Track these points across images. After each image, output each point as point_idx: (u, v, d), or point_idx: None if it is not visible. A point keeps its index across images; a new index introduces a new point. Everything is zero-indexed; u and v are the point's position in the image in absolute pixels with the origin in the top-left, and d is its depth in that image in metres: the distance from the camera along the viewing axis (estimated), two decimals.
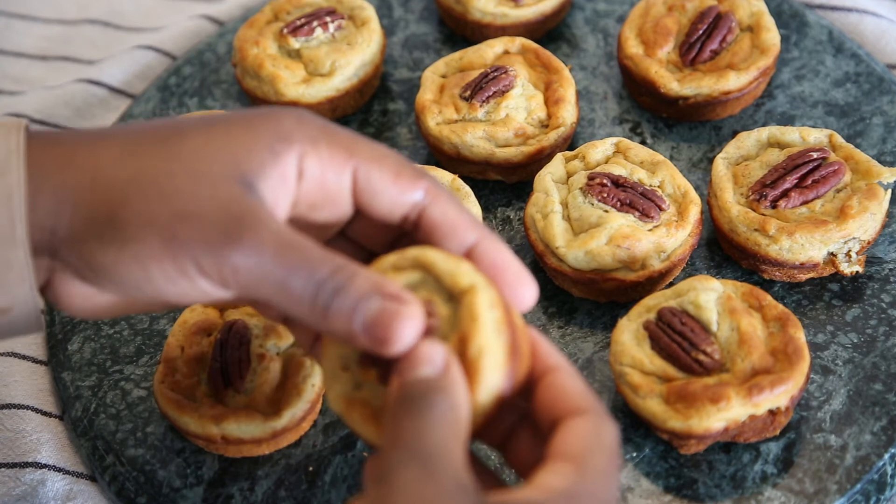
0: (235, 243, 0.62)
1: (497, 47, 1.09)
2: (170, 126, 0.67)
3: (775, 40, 1.07)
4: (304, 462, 0.89)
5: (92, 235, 0.63)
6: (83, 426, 0.93)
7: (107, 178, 0.64)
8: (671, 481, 0.85)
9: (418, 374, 0.60)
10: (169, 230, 0.63)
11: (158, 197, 0.63)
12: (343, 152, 0.67)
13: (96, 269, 0.64)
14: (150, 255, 0.63)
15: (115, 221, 0.63)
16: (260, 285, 0.63)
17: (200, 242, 0.62)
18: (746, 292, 0.88)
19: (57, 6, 1.36)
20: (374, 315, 0.61)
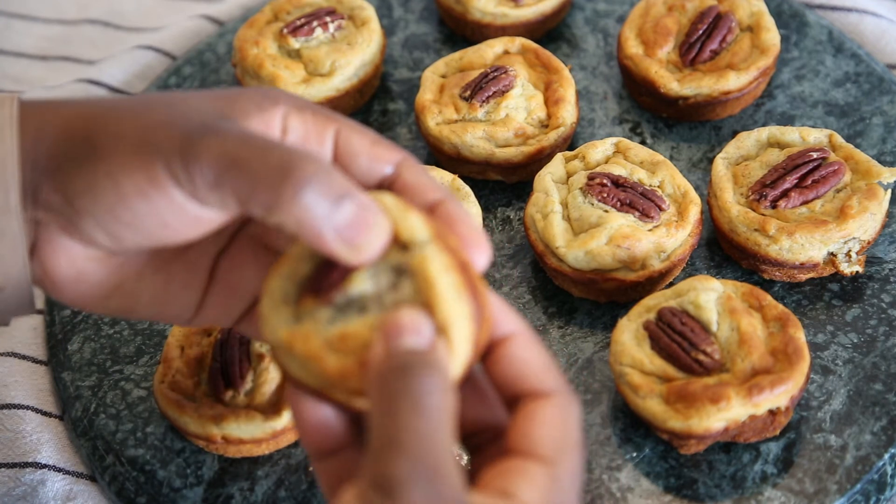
0: (203, 141, 0.61)
1: (497, 47, 1.09)
2: (153, 94, 0.68)
3: (775, 40, 1.07)
4: (304, 462, 0.89)
5: (68, 159, 0.63)
6: (83, 426, 0.93)
7: (86, 111, 0.65)
8: (671, 481, 0.85)
9: (407, 344, 0.57)
10: (139, 139, 0.62)
11: (132, 118, 0.64)
12: (326, 118, 0.67)
13: (72, 198, 0.63)
14: (121, 167, 0.62)
15: (90, 141, 0.63)
16: (228, 175, 0.61)
17: (170, 146, 0.62)
18: (746, 292, 0.88)
19: (57, 6, 1.36)
20: (350, 217, 0.60)
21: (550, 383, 0.61)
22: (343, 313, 0.61)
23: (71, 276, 0.67)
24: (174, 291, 0.71)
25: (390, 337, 0.58)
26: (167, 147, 0.62)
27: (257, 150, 0.61)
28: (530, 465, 0.58)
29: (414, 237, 0.61)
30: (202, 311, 0.72)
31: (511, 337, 0.62)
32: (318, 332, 0.61)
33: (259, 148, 0.61)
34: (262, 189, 0.60)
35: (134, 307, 0.71)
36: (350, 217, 0.60)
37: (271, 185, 0.60)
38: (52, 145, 0.64)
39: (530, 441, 0.59)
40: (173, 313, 0.72)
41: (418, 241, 0.61)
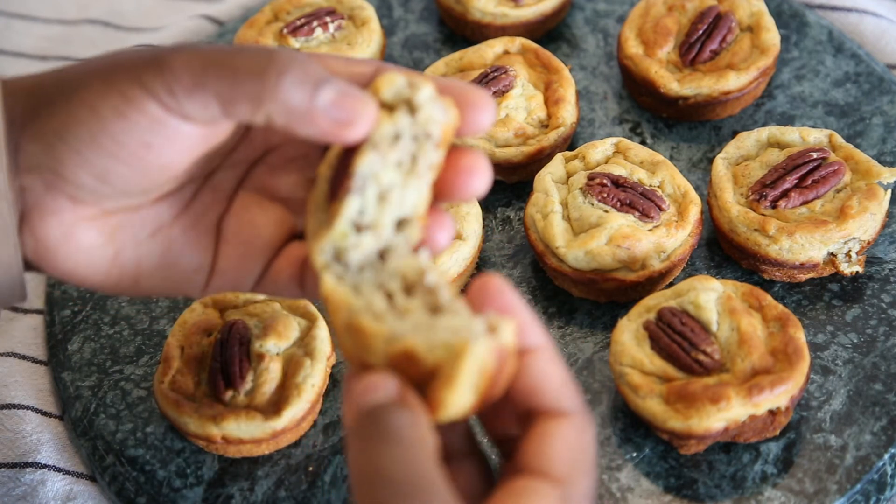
0: (172, 51, 0.61)
1: (497, 47, 1.09)
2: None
3: (775, 40, 1.07)
4: (304, 462, 0.89)
5: (42, 103, 0.63)
6: (83, 426, 0.93)
7: (59, 70, 0.64)
8: (671, 481, 0.85)
9: (372, 400, 0.56)
10: (109, 67, 0.63)
11: (100, 58, 0.64)
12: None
13: (52, 140, 0.63)
14: (95, 94, 0.62)
15: (61, 83, 0.63)
16: (207, 75, 0.61)
17: (140, 64, 0.62)
18: (746, 292, 0.88)
19: (57, 6, 1.36)
20: (334, 95, 0.61)
21: (568, 403, 0.59)
22: (364, 197, 0.62)
23: (64, 244, 0.66)
24: (177, 257, 0.69)
25: (358, 398, 0.57)
26: (139, 65, 0.62)
27: (232, 51, 0.61)
28: (543, 485, 0.57)
29: (418, 97, 0.62)
30: (214, 278, 0.70)
31: (534, 351, 0.60)
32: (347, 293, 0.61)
33: (233, 49, 0.62)
34: (245, 81, 0.60)
35: (138, 279, 0.69)
36: (334, 95, 0.61)
37: (253, 76, 0.60)
38: (25, 98, 0.63)
39: (545, 460, 0.57)
40: (182, 281, 0.70)
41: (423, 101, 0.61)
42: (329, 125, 0.61)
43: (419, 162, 0.63)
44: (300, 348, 0.90)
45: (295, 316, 0.92)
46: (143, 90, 0.61)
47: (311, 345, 0.89)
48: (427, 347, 0.57)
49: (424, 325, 0.59)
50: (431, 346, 0.57)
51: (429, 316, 0.60)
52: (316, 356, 0.88)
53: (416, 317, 0.60)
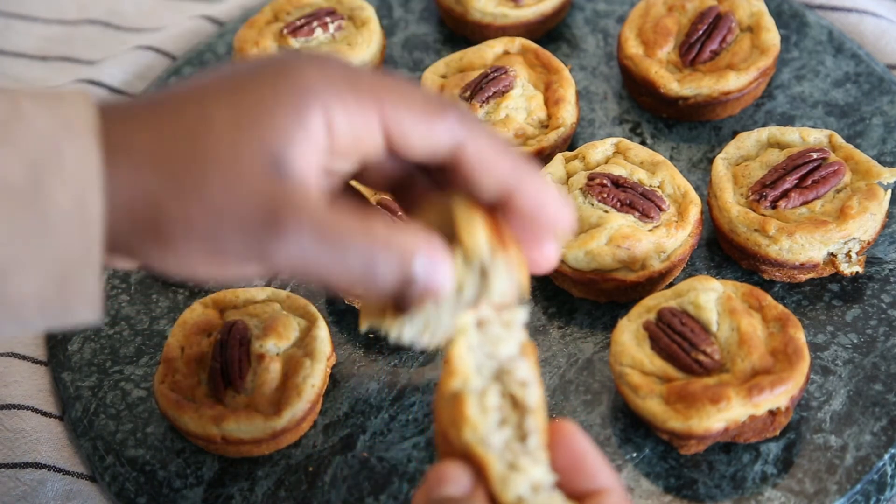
0: (274, 239, 0.63)
1: (497, 48, 1.09)
2: (196, 102, 0.66)
3: (775, 40, 1.07)
4: (304, 462, 0.89)
5: (135, 238, 0.64)
6: (83, 426, 0.93)
7: (145, 184, 0.64)
8: (671, 481, 0.85)
9: (443, 493, 0.60)
10: (209, 233, 0.63)
11: (195, 201, 0.64)
12: (369, 99, 0.66)
13: (140, 260, 0.66)
14: (193, 257, 0.64)
15: (157, 228, 0.64)
16: (304, 273, 0.65)
17: (240, 242, 0.64)
18: (746, 292, 0.88)
19: (57, 6, 1.36)
20: (424, 276, 0.65)
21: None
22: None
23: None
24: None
25: (431, 489, 0.60)
26: (239, 247, 0.64)
27: (331, 256, 0.64)
28: None
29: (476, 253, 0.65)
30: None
31: (599, 493, 0.63)
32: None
33: (332, 252, 0.64)
34: (339, 285, 0.66)
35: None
36: (423, 274, 0.65)
37: (349, 286, 0.66)
38: (116, 222, 0.64)
39: None
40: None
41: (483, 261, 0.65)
42: (415, 297, 0.66)
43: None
44: (300, 348, 0.90)
45: (295, 316, 0.92)
46: (243, 265, 0.65)
47: (311, 345, 0.89)
48: (499, 478, 0.60)
49: (509, 452, 0.62)
50: (503, 480, 0.60)
51: (516, 442, 0.63)
52: (316, 356, 0.88)
53: (507, 435, 0.63)
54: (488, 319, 0.64)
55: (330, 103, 0.65)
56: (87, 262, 0.63)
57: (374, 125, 0.66)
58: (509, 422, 0.63)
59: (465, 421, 0.61)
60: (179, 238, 0.64)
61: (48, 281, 0.62)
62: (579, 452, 0.63)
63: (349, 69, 0.67)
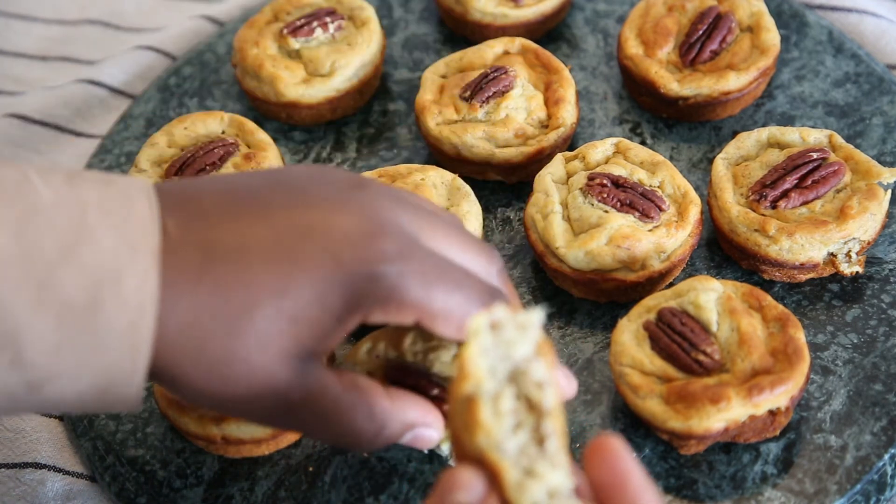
0: (289, 422, 0.72)
1: (497, 48, 1.09)
2: (241, 295, 0.67)
3: (775, 40, 1.07)
4: (304, 462, 0.89)
5: (153, 380, 0.68)
6: (83, 426, 0.93)
7: (171, 346, 0.65)
8: (671, 481, 0.85)
9: (455, 499, 0.59)
10: (221, 407, 0.70)
11: (216, 380, 0.67)
12: (411, 314, 0.69)
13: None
14: (202, 410, 0.77)
15: (174, 385, 0.67)
16: (310, 436, 0.77)
17: (254, 421, 0.78)
18: (746, 292, 0.88)
19: (57, 6, 1.36)
20: (409, 441, 0.75)
21: None
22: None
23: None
24: None
25: (443, 493, 0.60)
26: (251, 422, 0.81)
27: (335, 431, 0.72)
28: None
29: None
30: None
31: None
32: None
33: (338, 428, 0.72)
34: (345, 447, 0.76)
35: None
36: (410, 440, 0.76)
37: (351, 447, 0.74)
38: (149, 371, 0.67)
39: None
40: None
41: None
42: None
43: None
44: None
45: None
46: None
47: None
48: (514, 485, 0.59)
49: (525, 458, 0.60)
50: (518, 487, 0.59)
51: (533, 445, 0.61)
52: None
53: (522, 440, 0.61)
54: (502, 322, 0.63)
55: (371, 313, 0.69)
56: (132, 379, 0.65)
57: (407, 322, 0.71)
58: (525, 425, 0.61)
59: (478, 426, 0.60)
60: (191, 399, 0.69)
61: (91, 388, 0.65)
62: (622, 471, 0.60)
63: (408, 247, 0.70)
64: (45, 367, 0.63)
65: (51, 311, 0.62)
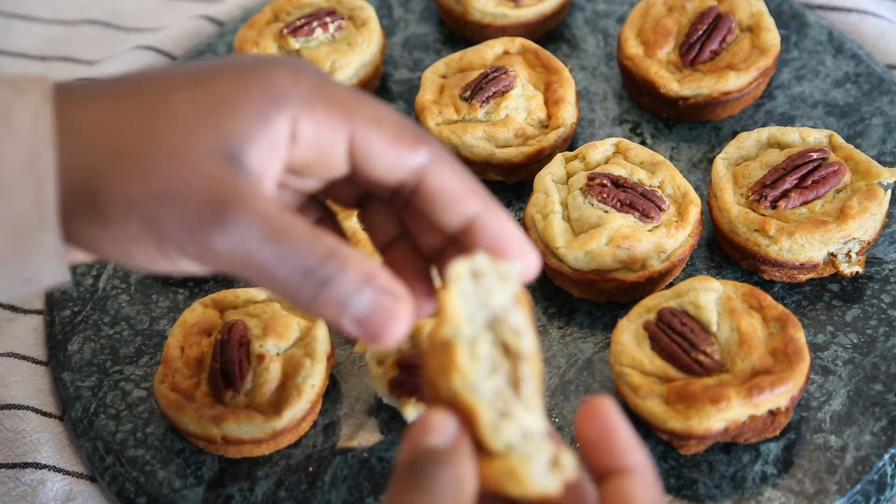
0: (217, 228, 0.60)
1: (497, 48, 1.09)
2: (157, 85, 0.64)
3: (775, 41, 1.07)
4: (304, 462, 0.89)
5: (72, 211, 0.62)
6: (83, 427, 0.93)
7: (89, 150, 0.62)
8: (671, 481, 0.85)
9: (426, 443, 0.58)
10: (148, 214, 0.61)
11: (138, 177, 0.61)
12: (340, 113, 0.63)
13: (76, 239, 0.63)
14: (130, 238, 0.62)
15: (96, 202, 0.62)
16: (244, 269, 0.61)
17: (181, 226, 0.61)
18: (746, 293, 0.88)
19: (57, 6, 1.36)
20: (366, 311, 0.61)
21: (636, 459, 0.61)
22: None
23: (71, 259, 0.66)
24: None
25: (413, 437, 0.58)
26: (179, 232, 0.61)
27: (275, 256, 0.61)
28: None
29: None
30: None
31: (627, 472, 0.60)
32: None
33: (277, 252, 0.61)
34: (280, 289, 0.61)
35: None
36: (366, 311, 0.61)
37: (290, 290, 0.61)
38: (58, 188, 0.62)
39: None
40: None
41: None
42: (358, 335, 0.62)
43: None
44: (300, 348, 0.90)
45: (295, 316, 0.92)
46: (181, 255, 0.61)
47: (311, 345, 0.89)
48: (489, 425, 0.59)
49: (500, 400, 0.60)
50: (493, 428, 0.59)
51: (509, 390, 0.61)
52: (316, 356, 0.88)
53: (498, 383, 0.61)
54: (483, 270, 0.63)
55: (299, 114, 0.63)
56: (43, 220, 0.61)
57: (340, 142, 0.64)
58: (501, 371, 0.62)
59: (455, 368, 0.59)
60: (117, 217, 0.61)
61: (4, 237, 0.61)
62: (609, 428, 0.60)
63: (324, 81, 0.65)
64: None
65: None
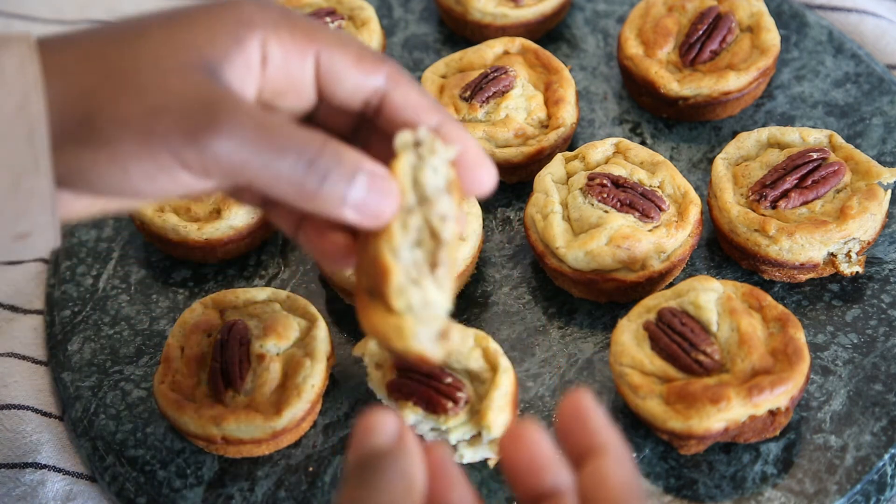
0: (214, 130, 0.62)
1: (497, 48, 1.09)
2: (131, 24, 0.67)
3: (775, 41, 1.07)
4: (304, 462, 0.89)
5: (68, 140, 0.63)
6: (83, 427, 0.93)
7: (77, 81, 0.64)
8: (671, 482, 0.85)
9: (372, 443, 0.59)
10: (144, 128, 0.62)
11: (129, 95, 0.63)
12: (305, 37, 0.67)
13: (74, 171, 0.64)
14: (127, 155, 0.63)
15: (90, 125, 0.63)
16: (244, 170, 0.63)
17: (178, 135, 0.62)
18: (746, 293, 0.88)
19: (57, 6, 1.36)
20: (363, 196, 0.65)
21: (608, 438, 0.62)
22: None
23: (94, 211, 0.69)
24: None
25: (358, 441, 0.59)
26: (176, 140, 0.63)
27: (269, 156, 0.63)
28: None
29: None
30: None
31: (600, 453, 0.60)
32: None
33: (270, 151, 0.63)
34: (283, 185, 0.64)
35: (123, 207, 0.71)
36: (365, 195, 0.65)
37: (293, 185, 0.64)
38: (51, 122, 0.64)
39: (605, 493, 0.60)
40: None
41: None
42: (358, 219, 0.66)
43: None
44: (300, 349, 0.90)
45: (295, 316, 0.92)
46: (179, 165, 0.63)
47: (311, 345, 0.89)
48: (396, 286, 0.65)
49: (416, 271, 0.66)
50: (399, 289, 0.65)
51: (426, 266, 0.67)
52: (316, 356, 0.88)
53: (418, 257, 0.67)
54: (426, 143, 0.67)
55: (267, 37, 0.66)
56: (37, 166, 0.63)
57: (307, 65, 0.67)
58: (425, 248, 0.67)
59: (385, 231, 0.65)
60: (113, 135, 0.63)
61: (2, 189, 0.63)
62: (583, 410, 0.61)
63: (287, 11, 0.68)
64: None
65: None
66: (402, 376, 0.86)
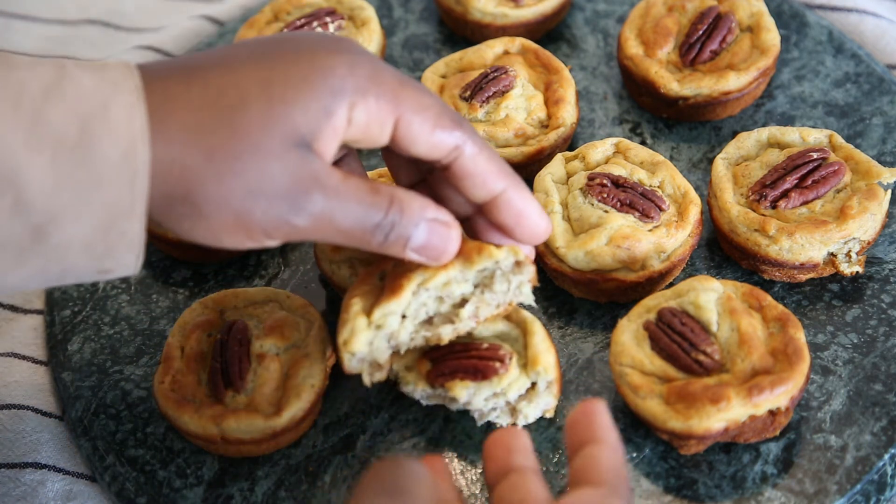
0: (301, 210, 0.71)
1: (497, 48, 1.09)
2: (226, 75, 0.71)
3: (775, 41, 1.07)
4: (304, 462, 0.89)
5: (169, 209, 0.70)
6: (83, 426, 0.93)
7: (182, 157, 0.69)
8: (671, 482, 0.85)
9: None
10: (242, 209, 0.70)
11: (230, 177, 0.69)
12: (389, 104, 0.74)
13: (170, 228, 0.72)
14: (223, 229, 0.71)
15: (192, 201, 0.69)
16: (324, 236, 0.73)
17: (271, 216, 0.71)
18: (746, 293, 0.88)
19: (57, 6, 1.36)
20: (424, 241, 0.76)
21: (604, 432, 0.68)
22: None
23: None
24: None
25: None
26: (270, 221, 0.71)
27: (347, 216, 0.73)
28: (589, 489, 0.65)
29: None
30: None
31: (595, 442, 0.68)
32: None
33: (346, 215, 0.73)
34: (355, 243, 0.75)
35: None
36: (426, 239, 0.76)
37: (363, 241, 0.75)
38: (153, 191, 0.69)
39: (594, 473, 0.66)
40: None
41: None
42: (422, 260, 0.78)
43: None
44: (300, 348, 0.90)
45: (295, 316, 0.92)
46: (268, 238, 0.73)
47: (311, 345, 0.89)
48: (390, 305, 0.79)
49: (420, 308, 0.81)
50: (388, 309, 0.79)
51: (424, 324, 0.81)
52: (316, 356, 0.88)
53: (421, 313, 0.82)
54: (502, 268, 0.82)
55: (355, 103, 0.73)
56: (133, 210, 0.68)
57: (387, 126, 0.75)
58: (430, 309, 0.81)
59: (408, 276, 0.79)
60: (213, 213, 0.70)
61: (95, 228, 0.67)
62: (591, 411, 0.68)
63: (375, 68, 0.74)
64: (46, 207, 0.66)
65: (45, 147, 0.65)
66: (439, 362, 0.86)
